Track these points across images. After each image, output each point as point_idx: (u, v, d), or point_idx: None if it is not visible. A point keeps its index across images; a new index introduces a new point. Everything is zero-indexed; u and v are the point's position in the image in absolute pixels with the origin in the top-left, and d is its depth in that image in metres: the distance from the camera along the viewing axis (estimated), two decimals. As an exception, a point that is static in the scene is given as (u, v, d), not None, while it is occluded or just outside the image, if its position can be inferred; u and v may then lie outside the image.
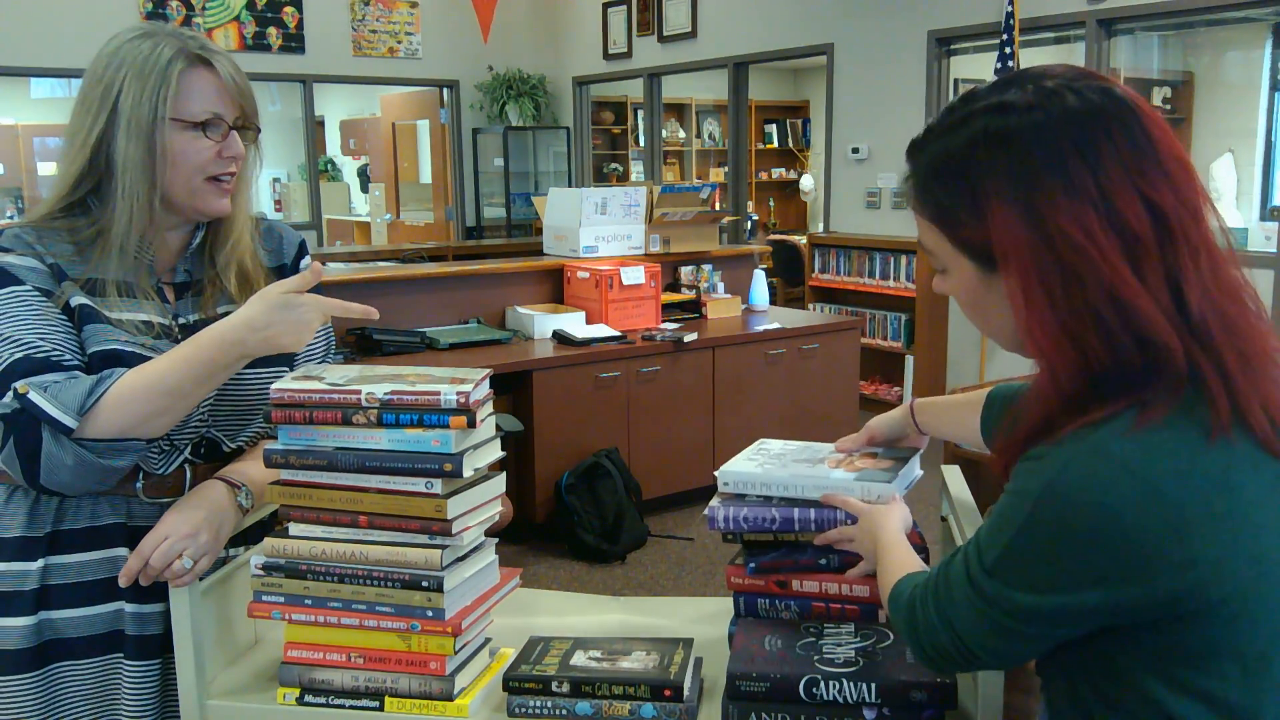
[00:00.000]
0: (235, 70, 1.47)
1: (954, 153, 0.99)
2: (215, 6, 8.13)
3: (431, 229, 10.14)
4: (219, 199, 1.47)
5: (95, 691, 1.48)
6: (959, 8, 6.28)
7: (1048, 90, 0.96)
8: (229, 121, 1.45)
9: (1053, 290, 0.93)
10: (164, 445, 1.46)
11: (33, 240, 1.43)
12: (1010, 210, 0.94)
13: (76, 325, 1.40)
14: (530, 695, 1.32)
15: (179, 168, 1.43)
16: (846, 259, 6.99)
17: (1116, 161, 0.92)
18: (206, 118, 1.43)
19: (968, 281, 1.02)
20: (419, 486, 1.27)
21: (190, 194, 1.45)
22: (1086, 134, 0.93)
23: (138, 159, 1.40)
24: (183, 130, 1.42)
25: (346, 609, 1.32)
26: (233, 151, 1.45)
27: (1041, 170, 0.93)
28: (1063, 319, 0.93)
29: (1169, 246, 0.92)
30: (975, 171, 0.96)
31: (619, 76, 9.30)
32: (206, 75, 1.43)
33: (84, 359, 1.39)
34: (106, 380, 1.33)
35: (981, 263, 0.99)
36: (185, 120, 1.42)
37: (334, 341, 1.69)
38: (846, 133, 7.12)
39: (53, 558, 1.44)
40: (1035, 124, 0.94)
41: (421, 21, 9.16)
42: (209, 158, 1.44)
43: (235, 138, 1.46)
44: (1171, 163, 0.94)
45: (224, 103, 1.45)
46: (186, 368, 1.35)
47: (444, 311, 4.86)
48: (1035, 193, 0.93)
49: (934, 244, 1.04)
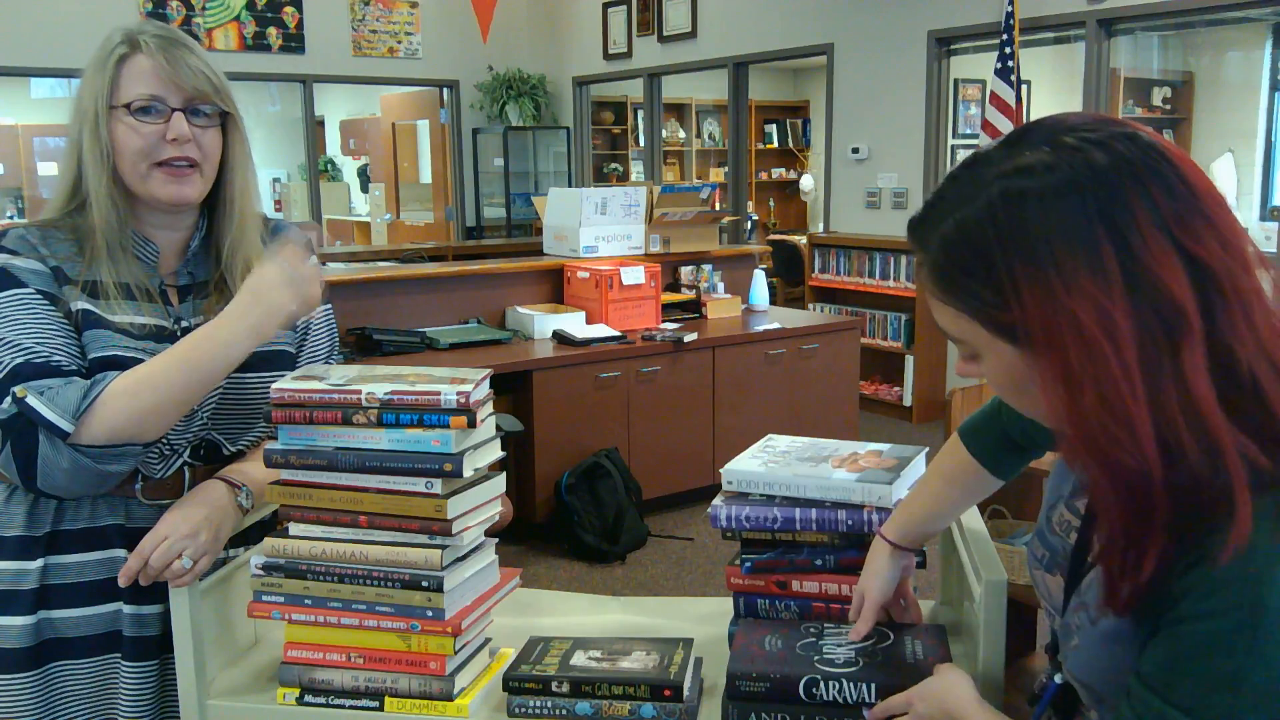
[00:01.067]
0: (175, 52, 1.41)
1: (969, 228, 0.87)
2: (215, 6, 8.13)
3: (431, 229, 10.14)
4: (172, 185, 1.43)
5: (93, 691, 1.48)
6: (959, 8, 6.28)
7: (1068, 147, 0.84)
8: (172, 104, 1.42)
9: (1075, 384, 0.82)
10: (163, 449, 1.46)
11: (36, 241, 1.43)
12: (1038, 290, 0.83)
13: (78, 330, 1.40)
14: (530, 695, 1.32)
15: (124, 156, 1.42)
16: (846, 259, 6.99)
17: (1153, 222, 0.81)
18: (142, 102, 1.41)
19: (1007, 365, 0.89)
20: (419, 486, 1.26)
21: (141, 182, 1.43)
22: (1117, 195, 0.82)
23: (92, 152, 1.41)
24: (123, 118, 1.41)
25: (346, 609, 1.32)
26: (175, 133, 1.41)
27: (1062, 245, 0.82)
28: (1087, 418, 0.82)
29: (1219, 308, 0.82)
30: (997, 248, 0.85)
31: (619, 76, 9.30)
32: (142, 60, 1.41)
33: (84, 363, 1.39)
34: (100, 383, 1.33)
35: (1021, 344, 0.87)
36: (121, 106, 1.41)
37: (338, 342, 1.68)
38: (846, 133, 7.12)
39: (52, 557, 1.44)
40: (1055, 189, 0.83)
41: (421, 21, 9.16)
42: (150, 142, 1.41)
43: (178, 119, 1.41)
44: (1214, 207, 0.84)
45: (162, 85, 1.41)
46: (178, 367, 1.35)
47: (444, 311, 4.86)
48: (1056, 271, 0.82)
49: (961, 330, 0.91)
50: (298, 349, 1.59)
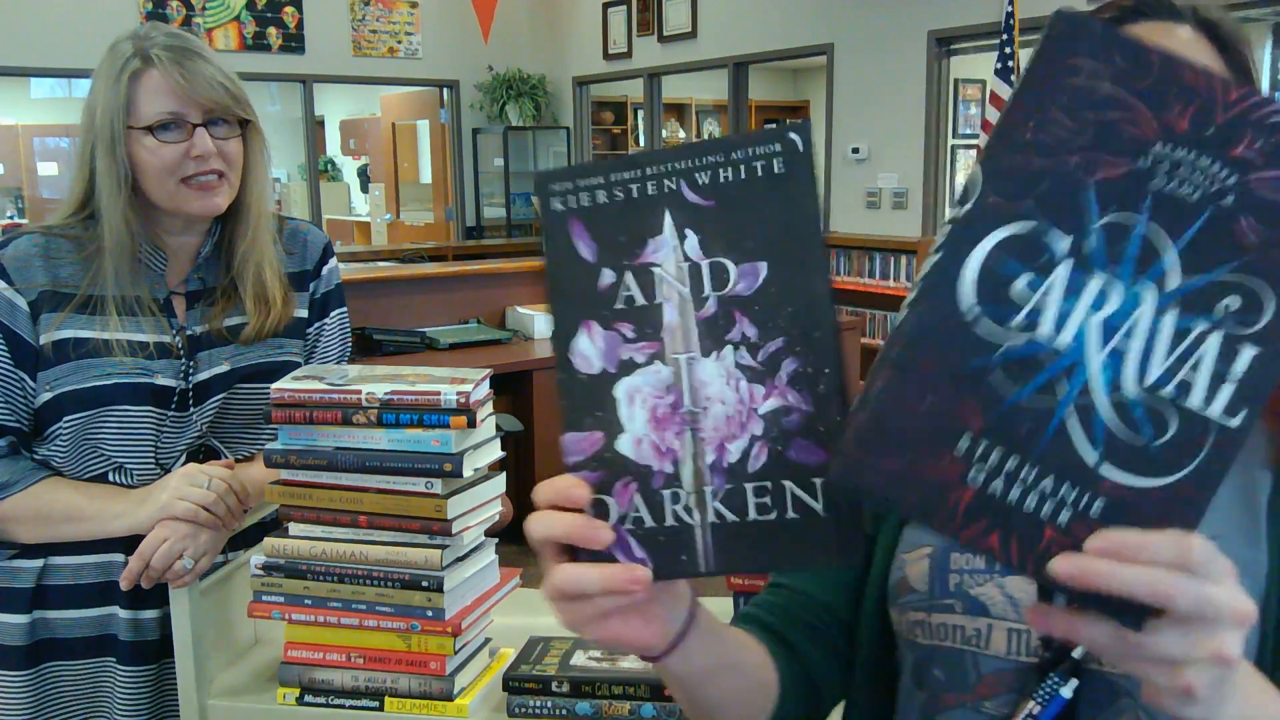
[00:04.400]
0: (190, 64, 1.39)
1: None
2: (215, 6, 8.13)
3: (431, 229, 10.14)
4: (202, 199, 1.43)
5: (86, 693, 1.48)
6: (959, 8, 6.28)
7: None
8: (192, 120, 1.40)
9: None
10: (160, 456, 1.46)
11: (37, 253, 1.42)
12: None
13: (66, 357, 1.40)
14: (530, 695, 1.32)
15: (148, 175, 1.41)
16: (846, 259, 6.99)
17: None
18: (162, 120, 1.39)
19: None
20: (419, 486, 1.26)
21: (170, 199, 1.42)
22: None
23: (108, 173, 1.40)
24: (143, 137, 1.39)
25: (346, 609, 1.32)
26: (200, 150, 1.40)
27: None
28: None
29: None
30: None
31: (619, 76, 9.30)
32: (156, 76, 1.39)
33: (24, 419, 1.42)
34: (23, 484, 1.39)
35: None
36: (141, 127, 1.39)
37: (350, 347, 1.66)
38: (846, 133, 7.12)
39: (52, 558, 1.45)
40: None
41: (421, 21, 9.16)
42: (175, 160, 1.39)
43: (202, 135, 1.40)
44: None
45: (181, 102, 1.39)
46: (75, 520, 1.40)
47: (444, 311, 4.86)
48: None
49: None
50: (309, 354, 1.59)
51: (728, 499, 0.64)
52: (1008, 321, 0.55)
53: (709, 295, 0.63)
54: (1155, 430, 0.55)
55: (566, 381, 0.65)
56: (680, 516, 0.64)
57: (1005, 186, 0.54)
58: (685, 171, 0.63)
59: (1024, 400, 0.55)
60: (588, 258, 0.64)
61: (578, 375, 0.65)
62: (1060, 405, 0.55)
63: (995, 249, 0.55)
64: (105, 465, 1.43)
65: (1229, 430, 0.54)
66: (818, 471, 0.62)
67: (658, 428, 0.64)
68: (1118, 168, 0.54)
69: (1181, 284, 0.54)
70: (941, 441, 0.56)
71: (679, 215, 0.63)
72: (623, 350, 0.64)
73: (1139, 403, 0.55)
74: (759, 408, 0.63)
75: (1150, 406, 0.55)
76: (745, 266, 0.62)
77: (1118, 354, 0.55)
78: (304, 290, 1.58)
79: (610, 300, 0.64)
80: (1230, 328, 0.54)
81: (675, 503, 0.64)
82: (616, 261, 0.64)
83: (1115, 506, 0.55)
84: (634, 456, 0.64)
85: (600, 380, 0.64)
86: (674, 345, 0.64)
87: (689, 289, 0.63)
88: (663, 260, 0.63)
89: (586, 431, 0.64)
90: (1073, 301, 0.55)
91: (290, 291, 1.54)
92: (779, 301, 0.62)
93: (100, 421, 1.40)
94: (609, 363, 0.64)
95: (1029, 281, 0.55)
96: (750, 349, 0.63)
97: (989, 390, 0.55)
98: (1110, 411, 0.55)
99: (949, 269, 0.55)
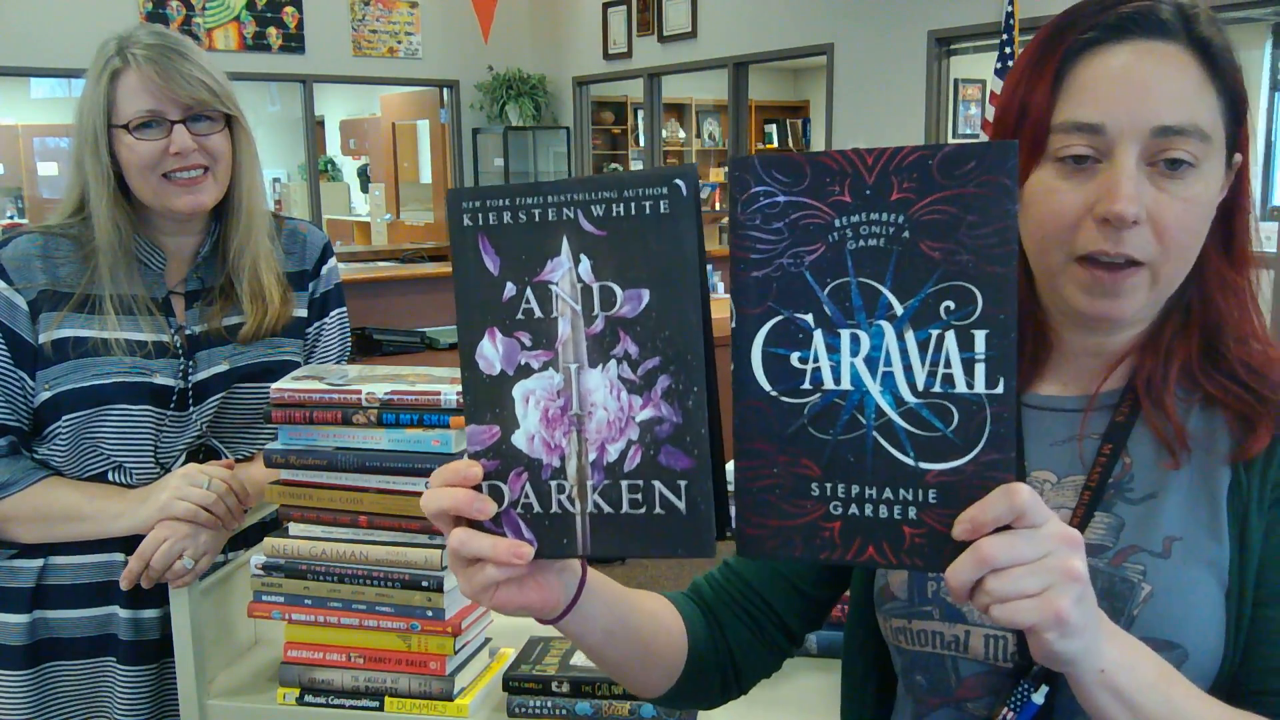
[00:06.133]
0: (168, 63, 1.40)
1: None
2: (215, 6, 8.13)
3: (431, 229, 10.14)
4: (186, 195, 1.43)
5: (87, 693, 1.49)
6: (959, 8, 6.28)
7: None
8: (171, 117, 1.41)
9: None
10: (160, 456, 1.46)
11: (37, 253, 1.43)
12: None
13: (61, 357, 1.40)
14: (530, 695, 1.32)
15: (132, 173, 1.43)
16: (846, 259, 6.99)
17: None
18: (141, 118, 1.41)
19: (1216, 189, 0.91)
20: (419, 486, 1.26)
21: (155, 196, 1.43)
22: None
23: (94, 172, 1.42)
24: (124, 135, 1.41)
25: (346, 609, 1.32)
26: (178, 146, 1.41)
27: None
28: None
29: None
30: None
31: (619, 76, 9.30)
32: (134, 75, 1.41)
33: (23, 419, 1.42)
34: (23, 482, 1.40)
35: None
36: (121, 125, 1.41)
37: (349, 348, 1.67)
38: (846, 133, 7.12)
39: (52, 557, 1.45)
40: None
41: (421, 21, 9.17)
42: (154, 157, 1.41)
43: (180, 131, 1.41)
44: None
45: (158, 100, 1.41)
46: (74, 521, 1.41)
47: (444, 311, 4.86)
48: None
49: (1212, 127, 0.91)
50: (308, 354, 1.59)
51: (605, 493, 0.72)
52: (799, 388, 0.68)
53: (598, 314, 0.71)
54: (944, 421, 0.66)
55: (470, 380, 0.73)
56: (564, 505, 0.72)
57: (749, 298, 0.69)
58: (583, 203, 0.70)
59: (839, 438, 0.68)
60: (493, 271, 0.72)
61: (480, 375, 0.73)
62: (867, 432, 0.67)
63: (764, 344, 0.68)
64: (105, 464, 1.43)
65: (998, 397, 0.65)
66: (683, 475, 0.71)
67: (548, 426, 0.72)
68: (817, 249, 0.67)
69: (905, 309, 0.66)
70: (798, 494, 0.69)
71: (575, 241, 0.70)
72: (521, 356, 0.72)
73: (921, 406, 0.66)
74: (636, 416, 0.70)
75: (931, 405, 0.66)
76: (630, 292, 0.70)
77: (889, 376, 0.67)
78: (303, 290, 1.58)
79: (512, 311, 0.72)
80: (957, 322, 0.65)
81: (560, 493, 0.72)
82: (518, 276, 0.71)
83: (944, 490, 0.66)
84: (526, 450, 0.73)
85: (500, 381, 0.73)
86: (566, 355, 0.72)
87: (581, 307, 0.71)
88: (559, 279, 0.71)
89: (486, 425, 0.73)
90: (836, 356, 0.68)
91: (289, 290, 1.55)
92: (658, 325, 0.70)
93: (99, 420, 1.41)
94: (508, 366, 0.73)
95: (799, 356, 0.68)
96: (631, 364, 0.70)
97: (811, 442, 0.68)
98: (903, 421, 0.67)
99: (742, 370, 0.69)
